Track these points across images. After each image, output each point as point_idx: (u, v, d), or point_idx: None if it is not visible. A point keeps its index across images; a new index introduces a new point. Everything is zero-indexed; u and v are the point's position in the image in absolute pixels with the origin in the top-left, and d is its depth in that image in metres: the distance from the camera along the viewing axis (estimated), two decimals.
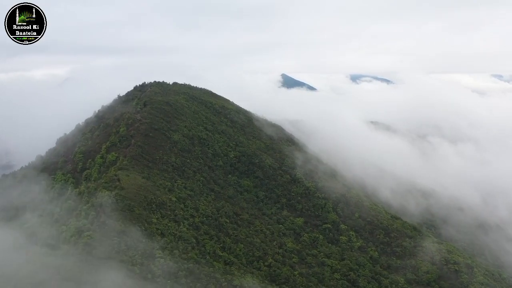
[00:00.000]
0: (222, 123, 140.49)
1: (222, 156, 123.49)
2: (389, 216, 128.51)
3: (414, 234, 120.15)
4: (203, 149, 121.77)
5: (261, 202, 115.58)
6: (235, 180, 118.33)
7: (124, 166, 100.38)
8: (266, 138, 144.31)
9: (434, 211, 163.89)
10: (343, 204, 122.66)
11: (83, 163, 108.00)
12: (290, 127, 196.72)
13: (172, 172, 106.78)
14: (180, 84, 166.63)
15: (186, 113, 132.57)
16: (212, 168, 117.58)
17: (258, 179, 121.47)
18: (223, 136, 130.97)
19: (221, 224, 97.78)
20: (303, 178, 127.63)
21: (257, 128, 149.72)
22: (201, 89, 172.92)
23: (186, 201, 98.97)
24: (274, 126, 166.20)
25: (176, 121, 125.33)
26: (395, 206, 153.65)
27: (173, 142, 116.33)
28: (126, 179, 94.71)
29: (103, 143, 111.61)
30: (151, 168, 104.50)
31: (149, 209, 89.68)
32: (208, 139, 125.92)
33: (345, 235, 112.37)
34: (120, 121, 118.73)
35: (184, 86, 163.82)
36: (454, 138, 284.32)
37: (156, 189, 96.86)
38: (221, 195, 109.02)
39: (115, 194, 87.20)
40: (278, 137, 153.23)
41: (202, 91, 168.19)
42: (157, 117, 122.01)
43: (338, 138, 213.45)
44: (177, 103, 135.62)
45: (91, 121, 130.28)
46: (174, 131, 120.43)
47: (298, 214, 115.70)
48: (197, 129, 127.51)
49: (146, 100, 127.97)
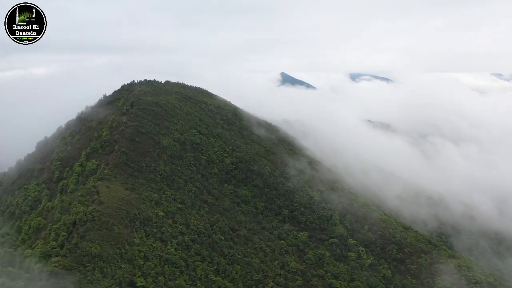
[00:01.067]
0: (218, 125, 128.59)
1: (217, 162, 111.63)
2: (400, 227, 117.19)
3: (429, 249, 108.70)
4: (196, 155, 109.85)
5: (260, 214, 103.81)
6: (231, 190, 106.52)
7: (105, 175, 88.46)
8: (266, 141, 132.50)
9: (444, 219, 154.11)
10: (351, 216, 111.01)
11: (60, 171, 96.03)
12: (290, 128, 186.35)
13: (160, 182, 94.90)
14: (172, 82, 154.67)
15: (177, 114, 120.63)
16: (206, 177, 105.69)
17: (257, 188, 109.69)
18: (218, 140, 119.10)
19: (215, 242, 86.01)
20: (307, 186, 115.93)
21: (256, 130, 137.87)
22: (196, 88, 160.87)
23: (175, 215, 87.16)
24: (274, 128, 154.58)
25: (166, 123, 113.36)
26: (403, 214, 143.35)
27: (162, 148, 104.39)
28: (106, 191, 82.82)
29: (83, 149, 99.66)
30: (136, 177, 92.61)
31: (131, 226, 77.83)
32: (201, 144, 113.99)
33: (354, 251, 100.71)
34: (103, 124, 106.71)
35: (177, 85, 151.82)
36: (456, 138, 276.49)
37: (141, 203, 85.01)
38: (215, 208, 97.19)
39: (92, 210, 75.32)
40: (279, 140, 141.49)
41: (197, 91, 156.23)
42: (144, 120, 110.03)
43: (339, 138, 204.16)
44: (168, 103, 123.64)
45: (73, 124, 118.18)
46: (163, 135, 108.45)
47: (301, 228, 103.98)
48: (189, 132, 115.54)
49: (133, 101, 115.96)
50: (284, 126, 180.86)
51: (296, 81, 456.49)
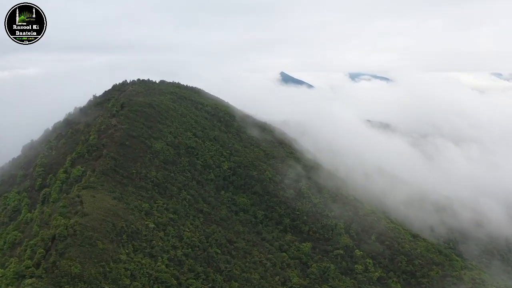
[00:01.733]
0: (215, 127, 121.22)
1: (214, 168, 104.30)
2: (409, 236, 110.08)
3: (440, 260, 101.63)
4: (191, 160, 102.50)
5: (260, 223, 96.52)
6: (229, 197, 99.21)
7: (90, 183, 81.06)
8: (265, 144, 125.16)
9: (451, 224, 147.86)
10: (356, 224, 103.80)
11: (42, 178, 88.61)
12: (290, 129, 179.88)
13: (151, 190, 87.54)
14: (167, 82, 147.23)
15: (171, 116, 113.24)
16: (202, 183, 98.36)
17: (257, 195, 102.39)
18: (215, 143, 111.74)
19: (210, 257, 78.72)
20: (310, 193, 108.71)
21: (256, 133, 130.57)
22: (192, 88, 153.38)
23: (167, 227, 79.83)
24: (274, 130, 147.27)
25: (159, 126, 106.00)
26: (409, 219, 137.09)
27: (154, 152, 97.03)
28: (91, 201, 75.42)
29: (69, 154, 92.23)
30: (125, 185, 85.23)
31: (117, 241, 70.46)
32: (197, 148, 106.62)
33: (361, 263, 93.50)
34: (91, 127, 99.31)
35: (172, 84, 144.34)
36: (456, 138, 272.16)
37: (129, 214, 77.65)
38: (211, 217, 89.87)
39: (74, 224, 67.94)
40: (279, 142, 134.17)
41: (193, 91, 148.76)
42: (136, 122, 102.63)
43: (339, 139, 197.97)
44: (162, 104, 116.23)
45: (59, 126, 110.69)
46: (156, 139, 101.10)
47: (304, 238, 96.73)
48: (184, 135, 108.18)
49: (124, 102, 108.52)
50: (284, 128, 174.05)
51: (295, 81, 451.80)
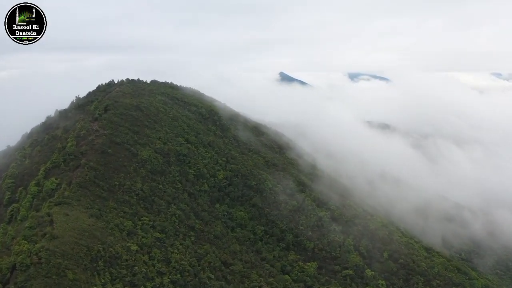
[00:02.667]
0: (210, 132, 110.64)
1: (208, 177, 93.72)
2: (424, 251, 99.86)
3: (460, 280, 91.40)
4: (182, 169, 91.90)
5: (259, 241, 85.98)
6: (224, 211, 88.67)
7: (65, 199, 70.40)
8: (265, 150, 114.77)
9: (462, 233, 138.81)
10: (367, 240, 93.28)
11: (12, 192, 77.85)
12: (291, 132, 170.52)
13: (136, 205, 76.89)
14: (159, 82, 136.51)
15: (162, 120, 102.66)
16: (194, 196, 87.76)
17: (256, 208, 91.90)
18: (210, 150, 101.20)
19: (202, 283, 68.16)
20: (314, 204, 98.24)
21: (255, 137, 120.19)
22: (186, 89, 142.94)
23: (152, 249, 69.23)
24: (275, 134, 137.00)
25: (147, 131, 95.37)
26: (418, 229, 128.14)
27: (140, 161, 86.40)
28: (63, 221, 64.77)
29: (43, 163, 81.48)
30: (105, 199, 74.56)
31: (92, 268, 59.82)
32: (189, 155, 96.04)
33: (373, 285, 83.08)
34: (69, 133, 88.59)
35: (164, 85, 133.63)
36: (458, 139, 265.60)
37: (108, 234, 67.01)
38: (204, 236, 79.30)
39: (39, 249, 57.29)
40: (280, 147, 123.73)
41: (187, 91, 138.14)
42: (120, 127, 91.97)
43: (341, 142, 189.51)
44: (151, 106, 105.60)
45: (36, 131, 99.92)
46: (143, 145, 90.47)
47: (309, 257, 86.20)
48: (175, 141, 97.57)
49: (108, 104, 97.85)
50: (284, 130, 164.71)
51: (295, 81, 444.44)
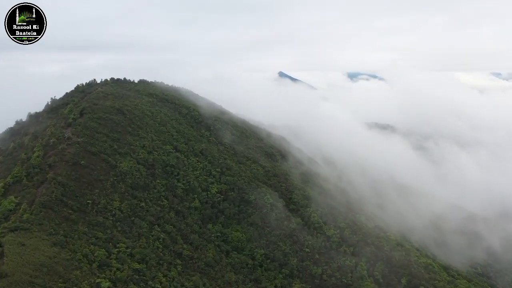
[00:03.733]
0: (203, 138, 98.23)
1: (200, 192, 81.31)
2: (445, 274, 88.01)
3: None
4: (169, 182, 79.44)
5: (259, 267, 73.63)
6: (218, 232, 76.27)
7: (22, 223, 57.83)
8: (265, 158, 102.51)
9: (476, 244, 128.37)
10: (382, 263, 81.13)
11: None
12: (292, 135, 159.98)
13: (111, 228, 64.43)
14: (148, 82, 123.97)
15: (147, 125, 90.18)
16: (183, 214, 75.32)
17: (254, 228, 79.60)
18: (202, 159, 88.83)
19: None
20: (321, 221, 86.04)
21: (253, 143, 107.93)
22: (180, 89, 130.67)
23: (128, 285, 56.77)
24: (275, 139, 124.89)
25: (130, 138, 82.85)
26: (432, 243, 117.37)
27: (119, 174, 73.91)
28: (17, 253, 52.26)
29: (3, 177, 68.80)
30: (74, 222, 62.06)
31: None
32: (178, 166, 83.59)
33: None
34: (37, 141, 75.93)
35: (153, 85, 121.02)
36: (461, 141, 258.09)
37: (74, 268, 54.50)
38: (193, 264, 66.92)
39: None
40: (281, 154, 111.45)
41: (180, 92, 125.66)
42: (98, 133, 79.40)
43: (344, 146, 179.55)
44: (136, 110, 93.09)
45: (1, 139, 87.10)
46: (123, 155, 77.95)
47: (316, 285, 73.99)
48: (162, 150, 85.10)
49: (85, 107, 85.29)
50: (284, 133, 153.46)
51: (294, 81, 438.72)
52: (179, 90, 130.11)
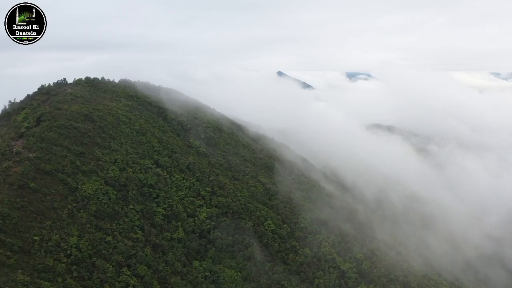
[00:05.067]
0: (191, 149, 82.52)
1: (185, 218, 65.67)
2: None
3: None
4: (146, 207, 63.73)
5: None
6: (207, 270, 60.63)
7: None
8: (265, 172, 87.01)
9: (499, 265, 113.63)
10: None
11: None
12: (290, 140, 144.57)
13: (64, 275, 48.64)
14: (131, 82, 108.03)
15: (122, 134, 74.34)
16: (162, 249, 59.62)
17: (253, 263, 63.99)
18: (189, 176, 73.14)
19: None
20: (334, 252, 70.62)
21: (251, 153, 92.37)
22: (168, 91, 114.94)
23: None
24: (276, 147, 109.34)
25: (98, 151, 67.03)
26: (456, 269, 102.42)
27: (81, 199, 58.12)
28: None
29: None
30: (12, 269, 46.27)
31: None
32: (158, 186, 67.86)
33: None
34: None
35: (136, 85, 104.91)
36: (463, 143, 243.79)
37: None
38: None
39: None
40: (285, 167, 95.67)
41: (167, 94, 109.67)
42: (56, 147, 63.55)
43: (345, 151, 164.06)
44: (109, 115, 77.24)
45: None
46: (88, 174, 62.13)
47: None
48: (138, 165, 69.30)
49: (44, 113, 69.49)
50: (284, 138, 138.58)
51: (292, 80, 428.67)
52: (167, 92, 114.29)
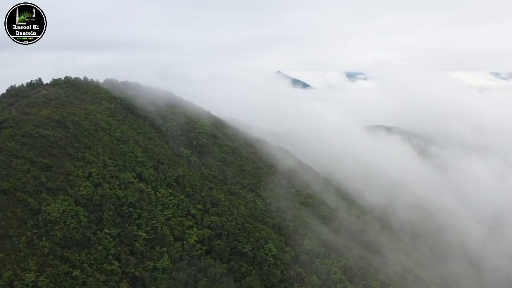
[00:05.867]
0: (181, 159, 72.51)
1: (171, 242, 55.71)
2: None
3: None
4: (124, 231, 53.74)
5: None
6: None
7: None
8: (265, 185, 76.95)
9: None
10: None
11: None
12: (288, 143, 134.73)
13: None
14: (116, 82, 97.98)
15: (100, 143, 64.31)
16: (142, 283, 49.63)
17: None
18: (177, 191, 63.14)
19: None
20: (345, 279, 60.77)
21: (249, 163, 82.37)
22: (158, 92, 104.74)
23: None
24: (277, 154, 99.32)
25: (68, 164, 56.99)
26: None
27: (44, 224, 48.15)
28: None
29: None
30: None
31: None
32: (141, 204, 57.86)
33: None
34: None
35: (121, 86, 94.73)
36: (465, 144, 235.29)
37: None
38: None
39: None
40: (287, 177, 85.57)
41: (157, 96, 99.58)
42: (17, 159, 53.54)
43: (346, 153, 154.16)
44: (86, 121, 67.19)
45: None
46: (54, 193, 52.12)
47: None
48: (117, 180, 59.25)
49: (6, 119, 59.50)
50: (285, 142, 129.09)
51: (292, 80, 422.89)
52: (159, 94, 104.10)
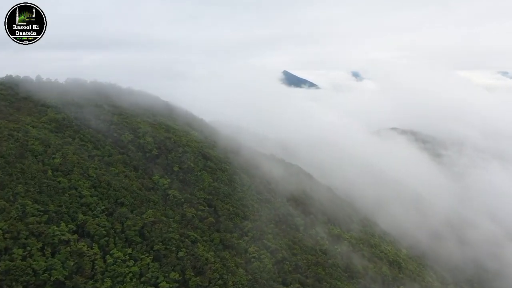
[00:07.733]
0: (152, 195, 50.12)
1: None
2: None
3: None
4: None
5: None
6: None
7: None
8: (275, 224, 54.72)
9: None
10: None
11: None
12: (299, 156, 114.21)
13: None
14: (83, 82, 75.93)
15: (24, 175, 42.09)
16: None
17: None
18: (142, 252, 41.04)
19: None
20: None
21: (253, 194, 59.97)
22: (138, 94, 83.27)
23: None
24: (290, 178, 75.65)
25: None
26: None
27: None
28: None
29: None
30: None
31: None
32: (75, 281, 35.83)
33: None
34: None
35: (87, 88, 72.34)
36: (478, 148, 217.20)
37: None
38: None
39: None
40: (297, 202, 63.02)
41: (134, 101, 77.20)
42: None
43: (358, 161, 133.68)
44: (9, 141, 45.17)
45: None
46: None
47: None
48: (41, 239, 37.21)
49: None
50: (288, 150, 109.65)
51: (299, 80, 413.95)
52: (137, 96, 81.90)
